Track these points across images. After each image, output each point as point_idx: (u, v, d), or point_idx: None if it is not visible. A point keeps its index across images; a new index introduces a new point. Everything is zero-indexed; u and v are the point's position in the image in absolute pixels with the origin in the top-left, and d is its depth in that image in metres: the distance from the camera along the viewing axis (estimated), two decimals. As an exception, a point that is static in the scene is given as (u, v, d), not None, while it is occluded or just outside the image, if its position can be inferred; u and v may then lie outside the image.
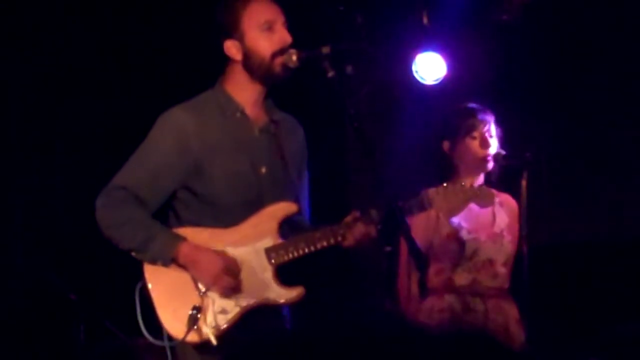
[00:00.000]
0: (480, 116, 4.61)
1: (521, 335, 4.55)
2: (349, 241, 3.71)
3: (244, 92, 3.80)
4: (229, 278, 3.65)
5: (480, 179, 4.64)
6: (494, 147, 4.60)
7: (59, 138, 5.89)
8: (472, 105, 4.69)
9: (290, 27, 3.79)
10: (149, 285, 3.67)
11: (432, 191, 3.83)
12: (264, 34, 3.74)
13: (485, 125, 4.60)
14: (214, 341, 3.60)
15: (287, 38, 3.75)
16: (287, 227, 3.78)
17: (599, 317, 5.62)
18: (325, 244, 3.70)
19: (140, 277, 3.70)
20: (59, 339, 5.44)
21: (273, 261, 3.71)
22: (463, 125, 4.61)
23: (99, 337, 5.20)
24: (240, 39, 3.76)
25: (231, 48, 3.77)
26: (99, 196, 3.74)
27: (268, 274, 3.71)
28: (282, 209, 3.78)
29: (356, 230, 3.69)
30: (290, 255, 3.70)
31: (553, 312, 5.45)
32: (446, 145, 4.66)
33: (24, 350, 5.58)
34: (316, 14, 5.78)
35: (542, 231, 4.76)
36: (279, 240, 3.73)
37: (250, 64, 3.76)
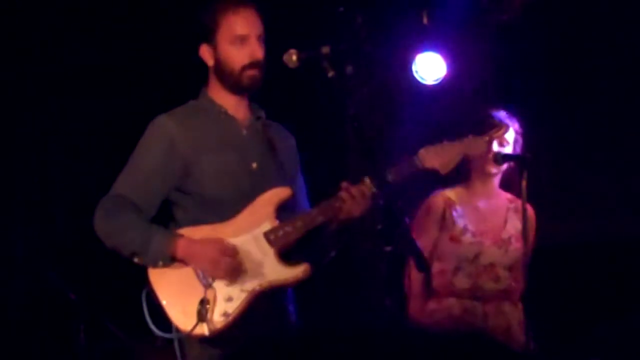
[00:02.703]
0: (500, 119, 4.59)
1: (522, 337, 4.55)
2: (346, 210, 3.71)
3: (223, 95, 3.88)
4: (228, 259, 3.67)
5: (494, 182, 4.64)
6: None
7: (59, 138, 5.89)
8: (497, 108, 4.67)
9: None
10: (155, 288, 3.70)
11: (422, 151, 3.83)
12: (235, 47, 3.80)
13: (500, 130, 4.59)
14: (211, 333, 3.62)
15: (258, 53, 3.79)
16: (285, 214, 3.79)
17: (599, 317, 5.62)
18: (322, 218, 3.72)
19: (142, 276, 3.72)
20: (59, 339, 5.44)
21: (273, 242, 3.72)
22: (480, 124, 4.61)
23: (99, 337, 5.21)
24: (214, 46, 3.83)
25: (205, 52, 3.86)
26: (97, 208, 3.80)
27: (270, 255, 3.73)
28: (277, 194, 3.80)
29: (350, 193, 3.69)
30: (290, 236, 3.72)
31: (553, 312, 5.45)
32: None
33: (24, 350, 5.59)
34: (316, 14, 5.78)
35: (542, 231, 4.76)
36: (277, 223, 3.75)
37: (220, 72, 3.84)
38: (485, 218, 4.61)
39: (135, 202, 3.76)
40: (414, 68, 5.81)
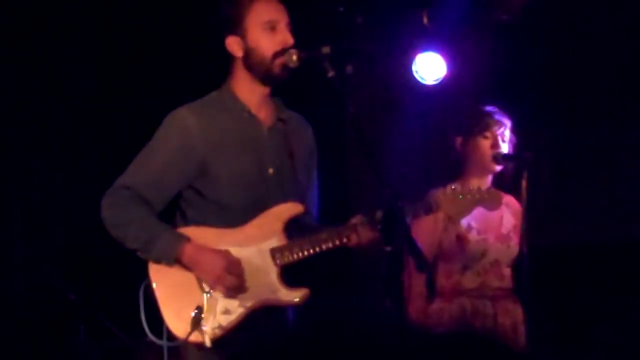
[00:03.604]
0: (497, 117, 4.62)
1: (524, 336, 4.55)
2: (354, 243, 3.71)
3: (248, 91, 3.80)
4: (232, 277, 3.64)
5: (488, 180, 4.64)
6: (504, 150, 4.60)
7: (60, 137, 5.88)
8: (491, 107, 4.69)
9: (291, 27, 3.79)
10: (154, 285, 3.67)
11: (440, 193, 3.82)
12: (266, 34, 3.74)
13: (499, 128, 4.60)
14: (208, 343, 3.60)
15: (289, 39, 3.74)
16: (294, 228, 3.77)
17: (599, 318, 5.62)
18: (330, 245, 3.70)
19: (142, 276, 3.70)
20: (59, 339, 5.44)
21: (278, 262, 3.70)
22: (477, 124, 4.62)
23: (99, 337, 5.20)
24: (243, 36, 3.76)
25: (233, 44, 3.77)
26: (105, 196, 3.74)
27: (273, 274, 3.70)
28: (288, 209, 3.77)
29: (363, 234, 3.69)
30: (295, 256, 3.70)
31: (553, 312, 5.44)
32: (458, 141, 4.66)
33: (24, 350, 5.58)
34: (316, 14, 5.77)
35: (542, 231, 4.75)
36: (285, 241, 3.72)
37: (250, 62, 3.76)
38: (485, 215, 4.60)
39: (146, 196, 3.71)
40: (414, 68, 5.81)
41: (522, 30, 5.79)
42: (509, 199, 4.67)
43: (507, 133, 4.63)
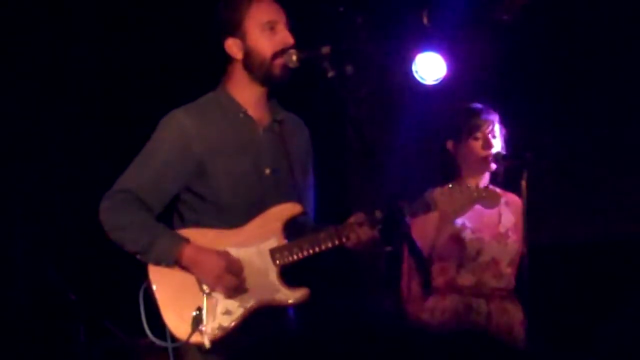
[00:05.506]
0: (484, 116, 4.61)
1: (523, 336, 4.55)
2: (353, 242, 3.71)
3: (245, 92, 3.80)
4: (232, 277, 3.64)
5: (485, 179, 4.64)
6: (497, 147, 4.59)
7: (60, 137, 5.88)
8: (476, 105, 4.68)
9: (290, 27, 3.80)
10: (154, 286, 3.67)
11: (437, 192, 3.82)
12: (265, 34, 3.74)
13: (489, 126, 4.60)
14: (207, 344, 3.60)
15: (289, 39, 3.75)
16: (292, 228, 3.77)
17: (599, 318, 5.62)
18: (329, 244, 3.70)
19: (142, 277, 3.70)
20: (59, 339, 5.44)
21: (277, 262, 3.70)
22: (467, 125, 4.61)
23: (99, 337, 5.20)
24: (242, 37, 3.76)
25: (232, 46, 3.77)
26: (103, 199, 3.74)
27: (272, 274, 3.70)
28: (287, 209, 3.77)
29: (362, 233, 3.69)
30: (295, 257, 3.70)
31: (553, 312, 5.44)
32: (450, 144, 4.66)
33: (24, 350, 5.58)
34: (316, 14, 5.77)
35: (542, 231, 4.75)
36: (284, 241, 3.72)
37: (250, 63, 3.76)
38: (481, 214, 4.59)
39: (144, 198, 3.71)
40: (414, 68, 5.81)
41: (522, 30, 5.79)
42: (510, 197, 4.66)
43: (497, 128, 4.63)
